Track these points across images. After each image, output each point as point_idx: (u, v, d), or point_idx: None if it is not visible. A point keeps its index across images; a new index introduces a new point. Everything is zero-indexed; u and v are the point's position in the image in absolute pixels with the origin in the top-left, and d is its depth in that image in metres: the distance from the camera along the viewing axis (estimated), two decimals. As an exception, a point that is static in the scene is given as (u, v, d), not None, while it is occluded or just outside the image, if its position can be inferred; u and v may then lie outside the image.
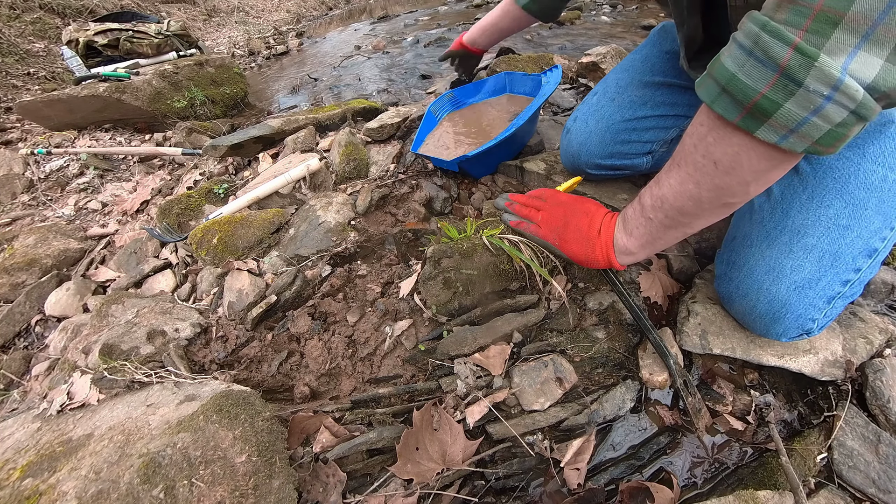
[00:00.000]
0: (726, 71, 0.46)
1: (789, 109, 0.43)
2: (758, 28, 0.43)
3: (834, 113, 0.42)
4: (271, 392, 0.85)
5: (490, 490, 0.68)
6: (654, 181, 0.62)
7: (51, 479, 0.60)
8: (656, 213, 0.61)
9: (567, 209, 0.76)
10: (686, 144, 0.55)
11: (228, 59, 2.71)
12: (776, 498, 0.59)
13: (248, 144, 1.62)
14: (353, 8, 5.97)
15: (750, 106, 0.45)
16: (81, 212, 1.69)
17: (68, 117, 2.15)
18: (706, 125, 0.51)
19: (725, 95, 0.47)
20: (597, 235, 0.70)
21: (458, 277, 0.85)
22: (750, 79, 0.44)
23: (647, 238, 0.65)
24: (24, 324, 1.18)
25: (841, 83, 0.40)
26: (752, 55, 0.44)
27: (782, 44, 0.41)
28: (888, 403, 0.68)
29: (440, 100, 1.43)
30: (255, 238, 1.12)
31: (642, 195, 0.64)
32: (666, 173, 0.59)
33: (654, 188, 0.61)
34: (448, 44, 3.10)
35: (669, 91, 0.93)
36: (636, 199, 0.66)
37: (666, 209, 0.60)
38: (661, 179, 0.60)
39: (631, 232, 0.66)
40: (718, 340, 0.76)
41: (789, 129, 0.44)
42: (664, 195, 0.59)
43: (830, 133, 0.43)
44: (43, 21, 3.72)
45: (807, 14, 0.40)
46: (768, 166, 0.50)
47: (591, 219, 0.72)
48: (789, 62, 0.41)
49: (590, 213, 0.73)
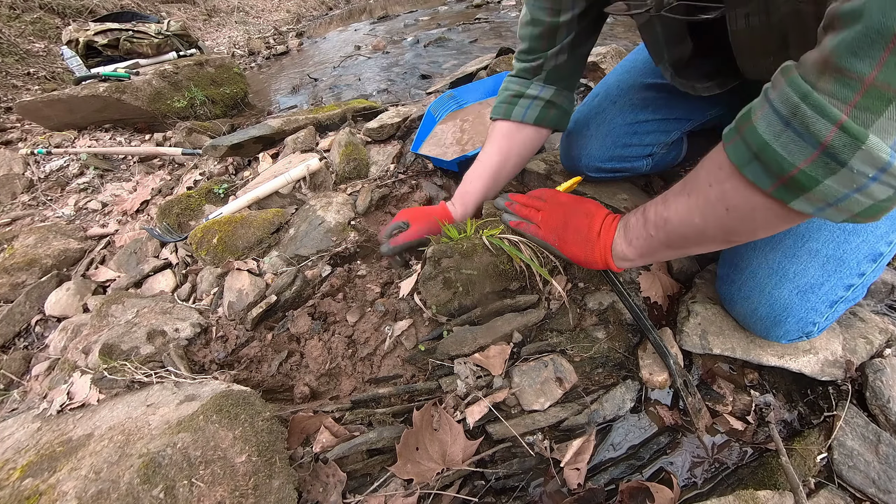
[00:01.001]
0: (759, 137, 0.42)
1: (829, 186, 0.40)
2: (797, 98, 0.39)
3: (879, 191, 0.39)
4: (271, 392, 0.85)
5: (490, 490, 0.68)
6: (662, 199, 0.60)
7: (51, 479, 0.60)
8: (658, 231, 0.60)
9: (567, 210, 0.76)
10: (700, 179, 0.52)
11: (228, 59, 2.71)
12: (776, 498, 0.59)
13: (248, 144, 1.62)
14: (353, 8, 5.97)
15: (786, 179, 0.41)
16: (81, 212, 1.69)
17: (68, 117, 2.15)
18: (726, 172, 0.47)
19: (758, 163, 0.43)
20: (596, 237, 0.70)
21: (458, 277, 0.85)
22: (786, 151, 0.40)
23: (645, 250, 0.64)
24: (24, 324, 1.18)
25: (890, 166, 0.37)
26: (789, 126, 0.40)
27: (826, 121, 0.37)
28: (888, 403, 0.68)
29: (440, 100, 1.43)
30: (255, 238, 1.12)
31: (647, 208, 0.63)
32: (675, 196, 0.57)
33: (661, 206, 0.60)
34: (448, 44, 3.10)
35: (671, 94, 0.93)
36: (641, 210, 0.65)
37: (668, 231, 0.59)
38: (668, 200, 0.58)
39: (631, 241, 0.66)
40: (718, 340, 0.76)
41: (827, 203, 0.41)
42: (669, 217, 0.58)
43: (873, 207, 0.41)
44: (43, 21, 3.72)
45: (856, 88, 0.36)
46: (783, 223, 0.48)
47: (591, 220, 0.72)
48: (832, 141, 0.37)
49: (590, 214, 0.73)
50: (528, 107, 0.87)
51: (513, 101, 0.87)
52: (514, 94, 0.87)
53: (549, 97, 0.86)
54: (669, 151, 1.01)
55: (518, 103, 0.87)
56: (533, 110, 0.87)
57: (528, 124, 0.88)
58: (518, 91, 0.87)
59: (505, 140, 0.90)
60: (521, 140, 0.90)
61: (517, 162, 0.93)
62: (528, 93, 0.86)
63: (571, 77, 0.88)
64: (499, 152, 0.90)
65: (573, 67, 0.86)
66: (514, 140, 0.90)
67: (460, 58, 2.77)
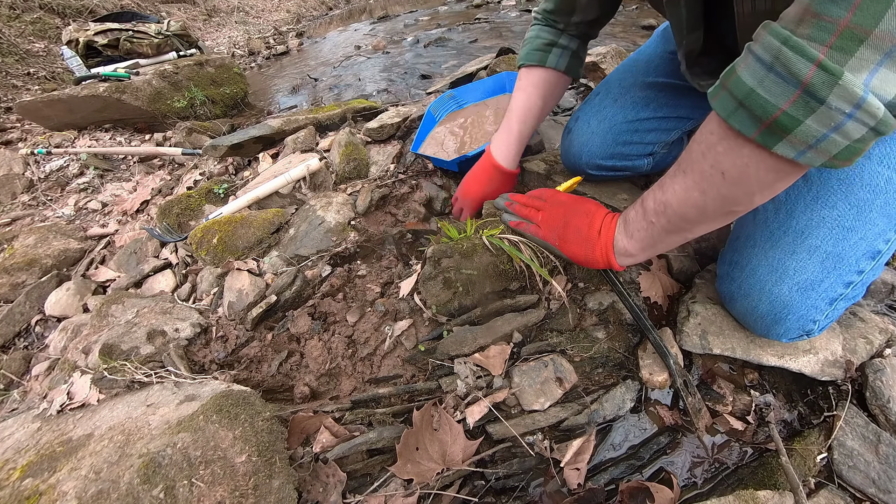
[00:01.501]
0: (744, 85, 0.45)
1: (809, 126, 0.42)
2: (779, 42, 0.42)
3: (854, 130, 0.42)
4: (271, 392, 0.85)
5: (490, 490, 0.68)
6: (658, 185, 0.62)
7: (51, 479, 0.60)
8: (658, 217, 0.61)
9: (567, 209, 0.76)
10: (693, 152, 0.54)
11: (228, 59, 2.71)
12: (776, 498, 0.59)
13: (248, 144, 1.62)
14: (353, 8, 5.97)
15: (769, 122, 0.44)
16: (81, 212, 1.69)
17: (68, 117, 2.15)
18: (716, 135, 0.51)
19: (743, 110, 0.46)
20: (597, 236, 0.70)
21: (458, 277, 0.85)
22: (770, 94, 0.43)
23: (647, 241, 0.65)
24: (24, 324, 1.18)
25: (864, 101, 0.40)
26: (772, 70, 0.43)
27: (805, 60, 0.40)
28: (888, 403, 0.68)
29: (440, 100, 1.43)
30: (255, 238, 1.12)
31: (645, 198, 0.64)
32: (671, 179, 0.59)
33: (658, 193, 0.61)
34: (448, 44, 3.10)
35: (672, 92, 0.93)
36: (638, 202, 0.65)
37: (669, 215, 0.60)
38: (665, 184, 0.60)
39: (632, 234, 0.66)
40: (718, 340, 0.76)
41: (808, 144, 0.44)
42: (667, 201, 0.59)
43: (848, 148, 0.43)
44: (43, 21, 3.72)
45: (832, 30, 0.39)
46: (777, 178, 0.50)
47: (591, 219, 0.72)
48: (812, 79, 0.40)
49: (590, 213, 0.73)
50: (561, 55, 0.93)
51: (547, 49, 0.93)
52: (548, 42, 0.92)
53: (575, 48, 0.93)
54: (670, 151, 1.01)
55: (552, 51, 0.93)
56: (563, 59, 0.93)
57: (560, 71, 0.94)
58: (551, 40, 0.92)
59: (545, 85, 0.96)
60: (555, 85, 0.97)
61: (552, 106, 1.02)
62: (560, 42, 0.92)
63: (594, 29, 0.95)
64: (541, 96, 0.96)
65: (598, 21, 0.92)
66: (551, 85, 0.96)
67: (460, 58, 2.77)
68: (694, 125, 0.97)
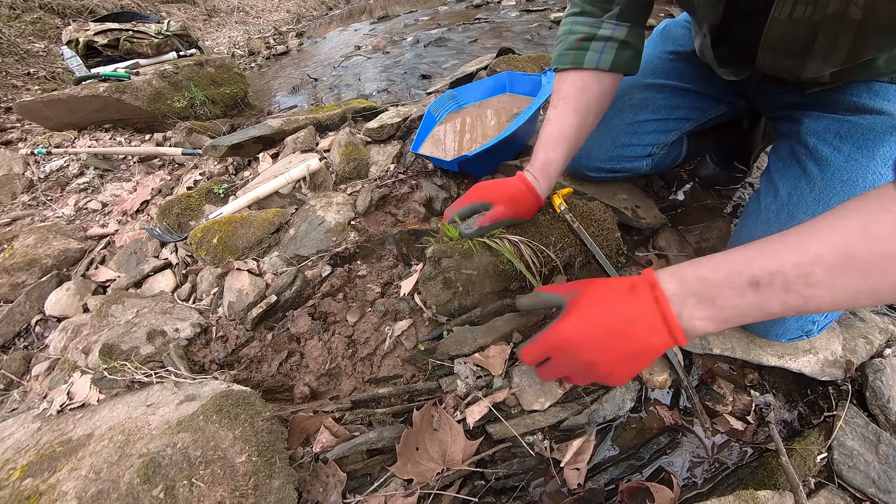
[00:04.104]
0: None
1: None
2: None
3: None
4: (271, 392, 0.85)
5: (490, 490, 0.68)
6: (802, 277, 0.42)
7: (51, 479, 0.60)
8: (784, 302, 0.43)
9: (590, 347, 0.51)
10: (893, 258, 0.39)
11: (228, 59, 2.71)
12: (776, 498, 0.59)
13: (248, 144, 1.62)
14: (353, 8, 5.97)
15: None
16: (81, 212, 1.69)
17: (68, 117, 2.15)
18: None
19: None
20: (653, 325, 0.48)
21: (458, 277, 0.85)
22: None
23: (738, 318, 0.46)
24: (24, 324, 1.18)
25: None
26: None
27: None
28: (888, 403, 0.68)
29: (440, 100, 1.43)
30: (255, 238, 1.12)
31: (771, 271, 0.43)
32: (832, 276, 0.41)
33: (799, 281, 0.42)
34: (448, 44, 3.10)
35: (671, 93, 0.93)
36: (730, 269, 0.46)
37: (799, 310, 0.43)
38: (815, 283, 0.41)
39: (721, 305, 0.46)
40: (718, 340, 0.76)
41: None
42: (816, 297, 0.42)
43: None
44: (43, 21, 3.72)
45: None
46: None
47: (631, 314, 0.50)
48: None
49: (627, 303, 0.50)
50: (602, 50, 0.74)
51: (583, 46, 0.75)
52: (584, 36, 0.74)
53: (623, 37, 0.74)
54: (669, 152, 1.01)
55: (590, 48, 0.74)
56: (608, 54, 0.74)
57: (604, 70, 0.75)
58: (588, 33, 0.74)
59: (581, 94, 0.76)
60: (598, 92, 0.77)
61: (595, 119, 0.80)
62: (601, 33, 0.74)
63: (646, 8, 0.77)
64: (575, 111, 0.76)
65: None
66: (590, 93, 0.76)
67: (460, 58, 2.77)
68: (693, 126, 0.98)
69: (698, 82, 0.92)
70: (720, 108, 0.95)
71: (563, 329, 0.52)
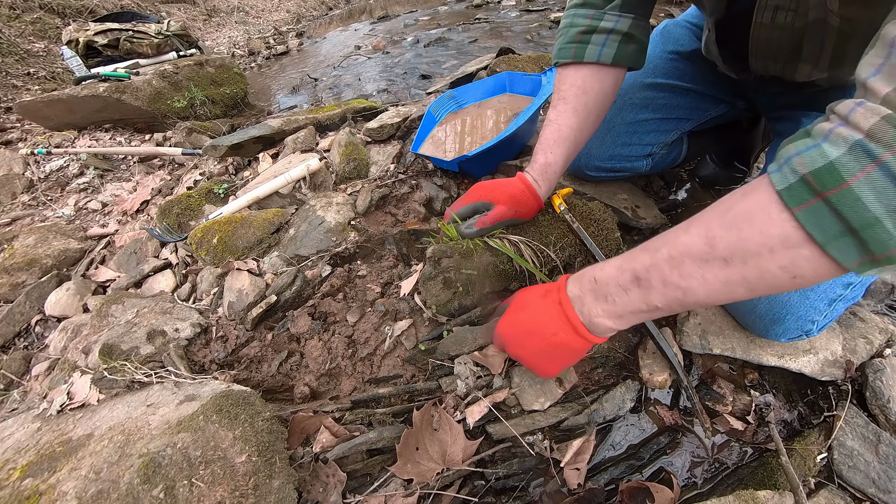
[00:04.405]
0: (865, 212, 0.33)
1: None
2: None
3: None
4: (271, 392, 0.85)
5: (490, 490, 0.68)
6: (669, 261, 0.44)
7: (51, 479, 0.60)
8: (668, 302, 0.46)
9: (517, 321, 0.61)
10: (749, 243, 0.39)
11: (228, 59, 2.71)
12: (776, 498, 0.59)
13: (248, 144, 1.62)
14: (353, 8, 5.97)
15: (881, 258, 0.34)
16: (81, 212, 1.69)
17: (68, 117, 2.15)
18: (795, 240, 0.37)
19: (851, 237, 0.34)
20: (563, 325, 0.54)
21: (458, 277, 0.85)
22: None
23: (631, 318, 0.51)
24: (24, 324, 1.18)
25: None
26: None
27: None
28: (888, 403, 0.68)
29: (440, 100, 1.43)
30: (255, 238, 1.12)
31: (640, 272, 0.47)
32: (696, 263, 0.42)
33: (669, 272, 0.44)
34: (448, 44, 3.10)
35: (671, 93, 0.93)
36: (616, 269, 0.50)
37: (685, 302, 0.45)
38: (683, 265, 0.43)
39: (612, 300, 0.50)
40: (718, 340, 0.76)
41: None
42: (690, 288, 0.43)
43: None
44: (43, 21, 3.72)
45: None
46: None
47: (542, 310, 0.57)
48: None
49: (539, 305, 0.58)
50: (604, 44, 0.71)
51: (584, 40, 0.72)
52: (585, 29, 0.71)
53: (626, 29, 0.71)
54: (670, 152, 1.01)
55: (591, 41, 0.71)
56: (610, 47, 0.71)
57: (605, 65, 0.72)
58: (589, 26, 0.71)
59: (581, 94, 0.73)
60: (599, 89, 0.74)
61: (596, 119, 0.77)
62: (602, 26, 0.71)
63: (647, 3, 0.74)
64: (575, 111, 0.73)
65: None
66: (591, 93, 0.73)
67: (460, 58, 2.77)
68: (693, 126, 0.98)
69: (699, 82, 0.92)
70: (720, 107, 0.95)
71: (498, 327, 0.65)
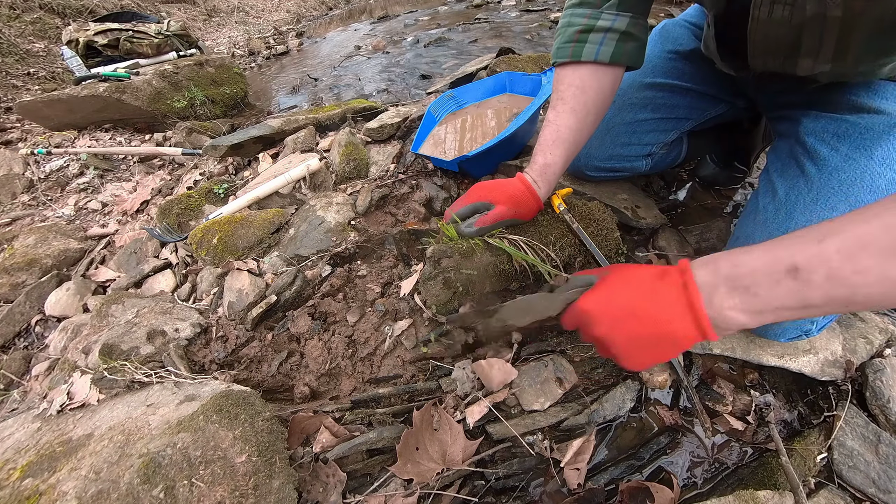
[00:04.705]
0: None
1: None
2: None
3: None
4: (271, 392, 0.85)
5: (490, 490, 0.68)
6: (847, 257, 0.37)
7: (51, 479, 0.60)
8: (835, 288, 0.38)
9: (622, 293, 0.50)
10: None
11: (228, 59, 2.71)
12: (776, 498, 0.59)
13: (248, 144, 1.62)
14: (353, 8, 5.97)
15: None
16: (81, 212, 1.69)
17: (68, 117, 2.15)
18: None
19: None
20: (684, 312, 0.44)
21: (458, 277, 0.85)
22: None
23: (776, 306, 0.41)
24: (24, 324, 1.18)
25: None
26: None
27: None
28: (888, 403, 0.68)
29: (440, 100, 1.43)
30: (255, 238, 1.12)
31: (803, 260, 0.39)
32: (884, 261, 0.35)
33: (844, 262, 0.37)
34: (448, 44, 3.10)
35: (670, 93, 0.93)
36: (768, 259, 0.41)
37: (845, 302, 0.39)
38: (863, 270, 0.36)
39: (755, 293, 0.41)
40: (718, 340, 0.76)
41: None
42: (866, 286, 0.37)
43: None
44: (43, 21, 3.72)
45: None
46: None
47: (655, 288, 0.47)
48: None
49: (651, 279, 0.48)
50: (602, 42, 0.71)
51: (581, 39, 0.72)
52: (582, 28, 0.72)
53: (624, 27, 0.71)
54: (669, 152, 1.01)
55: (588, 40, 0.71)
56: (608, 46, 0.71)
57: (604, 64, 0.72)
58: (586, 25, 0.71)
59: (579, 93, 0.73)
60: (597, 89, 0.74)
61: (595, 119, 0.77)
62: (600, 24, 0.71)
63: (644, 2, 0.74)
64: (573, 112, 0.73)
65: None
66: (589, 92, 0.73)
67: (460, 58, 2.77)
68: (692, 125, 0.97)
69: (698, 82, 0.92)
70: (720, 107, 0.95)
71: (583, 302, 0.51)
